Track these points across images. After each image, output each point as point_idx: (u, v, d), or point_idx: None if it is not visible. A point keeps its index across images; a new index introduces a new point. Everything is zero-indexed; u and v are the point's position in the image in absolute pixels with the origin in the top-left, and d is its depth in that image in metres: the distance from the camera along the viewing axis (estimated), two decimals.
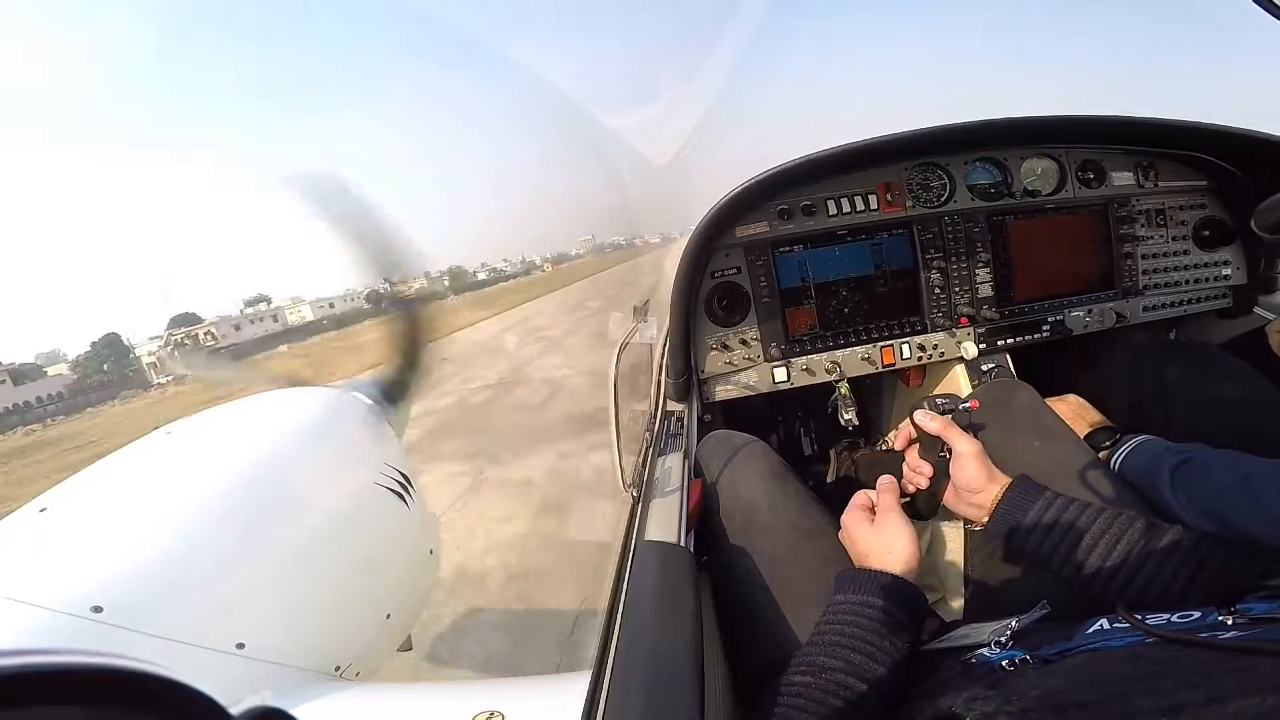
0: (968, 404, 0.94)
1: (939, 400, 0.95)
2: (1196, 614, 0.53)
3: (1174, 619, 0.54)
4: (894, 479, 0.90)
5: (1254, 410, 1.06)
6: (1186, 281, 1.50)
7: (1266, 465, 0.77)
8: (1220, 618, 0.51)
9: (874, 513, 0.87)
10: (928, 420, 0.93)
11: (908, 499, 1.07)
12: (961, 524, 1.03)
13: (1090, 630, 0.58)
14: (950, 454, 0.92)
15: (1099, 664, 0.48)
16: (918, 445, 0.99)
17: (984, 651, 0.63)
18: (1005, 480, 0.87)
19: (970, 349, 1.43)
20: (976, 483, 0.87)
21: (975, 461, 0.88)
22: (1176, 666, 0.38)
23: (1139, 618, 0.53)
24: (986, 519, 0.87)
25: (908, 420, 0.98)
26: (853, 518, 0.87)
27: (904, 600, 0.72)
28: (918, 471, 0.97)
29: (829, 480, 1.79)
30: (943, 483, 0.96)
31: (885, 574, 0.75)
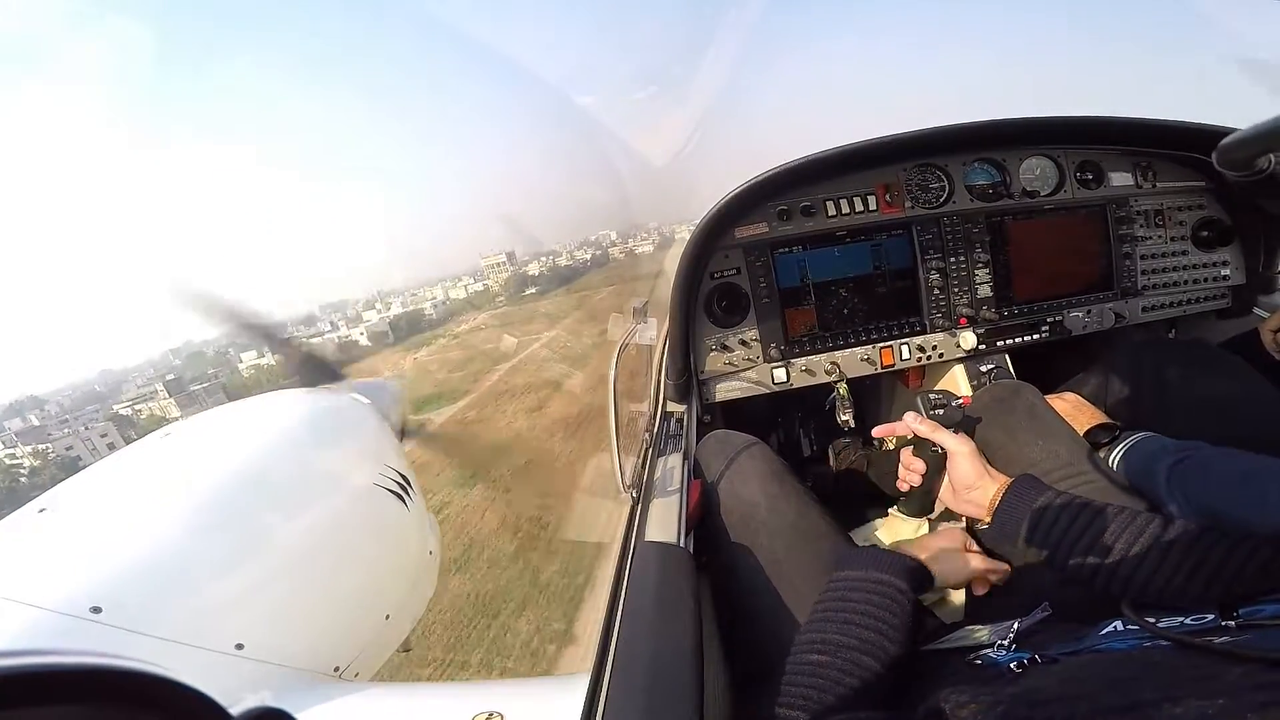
0: (960, 400, 0.96)
1: (932, 397, 0.97)
2: (1210, 616, 0.52)
3: (1188, 621, 0.53)
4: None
5: (1252, 408, 1.06)
6: (1185, 282, 1.50)
7: (1265, 463, 0.77)
8: (1224, 622, 0.50)
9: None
10: (916, 423, 0.96)
11: (903, 496, 1.08)
12: (963, 525, 1.04)
13: (1104, 632, 0.57)
14: (942, 451, 0.95)
15: (1095, 664, 0.47)
16: (912, 444, 1.01)
17: (989, 653, 0.63)
18: (1003, 479, 0.88)
19: (969, 338, 1.44)
20: (969, 478, 0.90)
21: (968, 460, 0.91)
22: (1155, 668, 0.38)
23: (1151, 620, 0.53)
24: (989, 518, 0.87)
25: (905, 419, 0.99)
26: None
27: (918, 583, 0.74)
28: (910, 469, 1.01)
29: (828, 481, 1.79)
30: (936, 480, 0.98)
31: (904, 555, 0.76)
